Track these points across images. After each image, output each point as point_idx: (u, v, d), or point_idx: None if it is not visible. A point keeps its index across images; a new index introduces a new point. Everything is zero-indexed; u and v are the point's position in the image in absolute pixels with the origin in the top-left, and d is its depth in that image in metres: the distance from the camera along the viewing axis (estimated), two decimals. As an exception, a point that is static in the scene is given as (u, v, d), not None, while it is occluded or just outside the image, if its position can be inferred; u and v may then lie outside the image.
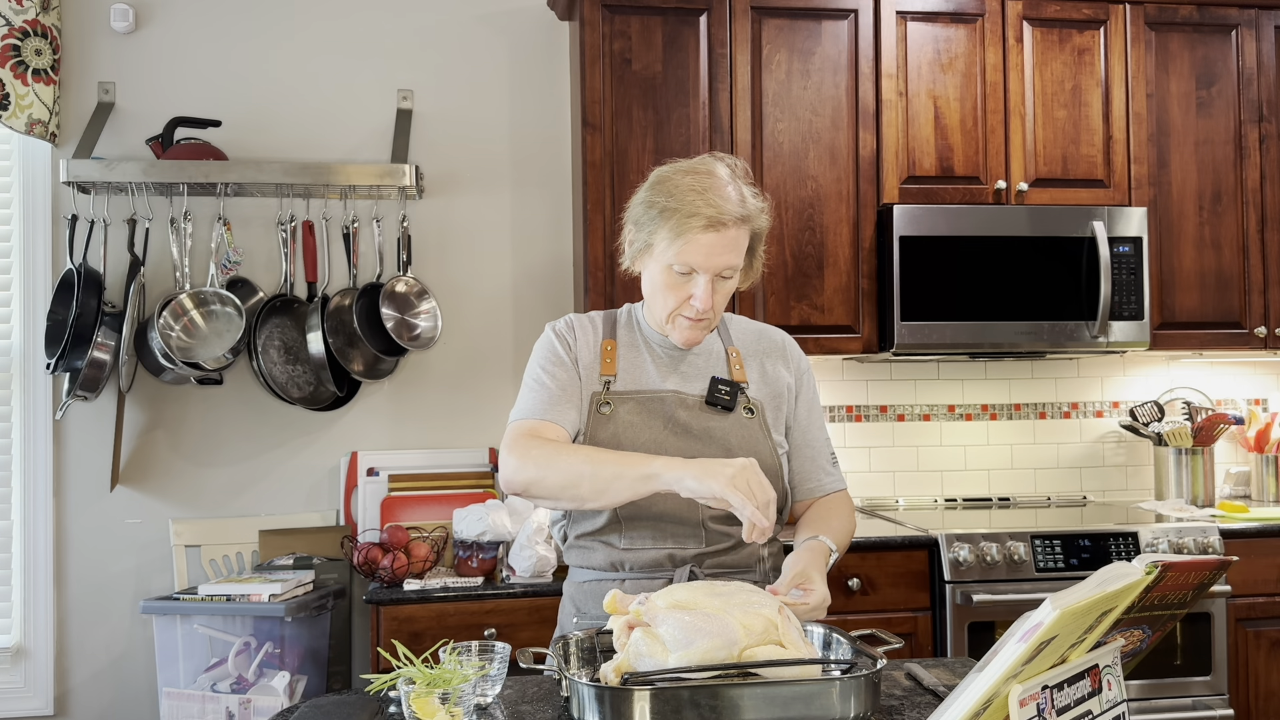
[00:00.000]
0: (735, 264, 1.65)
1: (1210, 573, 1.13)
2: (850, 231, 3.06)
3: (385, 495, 3.06)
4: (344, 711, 1.39)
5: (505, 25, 3.29)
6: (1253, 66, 3.24)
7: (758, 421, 1.72)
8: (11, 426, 3.06)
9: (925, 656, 2.69)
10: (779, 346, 1.84)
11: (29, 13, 2.93)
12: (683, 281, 1.64)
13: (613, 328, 1.79)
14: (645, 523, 1.67)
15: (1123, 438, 3.52)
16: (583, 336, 1.77)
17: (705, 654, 1.26)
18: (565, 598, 1.79)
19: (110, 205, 3.01)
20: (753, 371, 1.78)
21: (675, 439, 1.68)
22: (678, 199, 1.61)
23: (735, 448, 1.68)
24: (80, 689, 3.05)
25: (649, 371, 1.74)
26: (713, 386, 1.71)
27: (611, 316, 1.81)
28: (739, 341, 1.81)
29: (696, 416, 1.70)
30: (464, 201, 3.24)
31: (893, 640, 1.46)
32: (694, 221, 1.59)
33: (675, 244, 1.61)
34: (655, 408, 1.70)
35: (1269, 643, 2.87)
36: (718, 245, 1.61)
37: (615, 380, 1.72)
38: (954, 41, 3.11)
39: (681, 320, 1.68)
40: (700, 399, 1.71)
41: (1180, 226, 3.19)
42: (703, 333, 1.71)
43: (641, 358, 1.75)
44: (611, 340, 1.76)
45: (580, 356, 1.74)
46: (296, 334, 3.06)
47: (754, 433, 1.71)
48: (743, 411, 1.72)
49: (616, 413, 1.69)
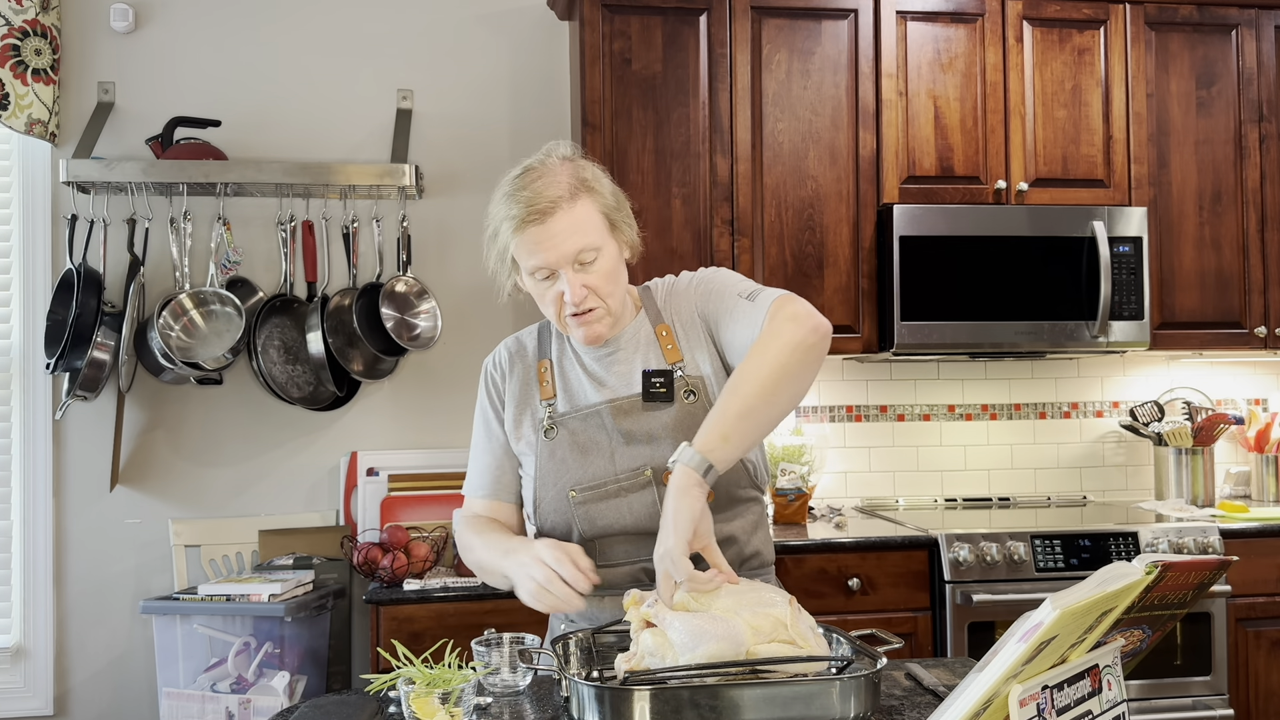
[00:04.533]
0: (589, 243, 1.54)
1: (1210, 573, 1.13)
2: (850, 231, 3.06)
3: (385, 495, 3.06)
4: (344, 711, 1.39)
5: (505, 25, 3.29)
6: (1253, 66, 3.24)
7: (702, 403, 1.60)
8: (11, 426, 3.06)
9: (925, 656, 2.69)
10: (683, 294, 1.68)
11: (29, 13, 2.93)
12: (550, 284, 1.57)
13: (547, 342, 1.72)
14: (614, 538, 1.62)
15: (1123, 438, 3.52)
16: (514, 371, 1.71)
17: (711, 656, 1.26)
18: None
19: (110, 205, 3.01)
20: (683, 339, 1.65)
21: (623, 449, 1.61)
22: (499, 211, 1.57)
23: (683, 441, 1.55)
24: (80, 689, 3.05)
25: (583, 385, 1.66)
26: (645, 381, 1.61)
27: (546, 330, 1.74)
28: (666, 314, 1.68)
29: (638, 420, 1.61)
30: (464, 201, 3.24)
31: (893, 640, 1.46)
32: (521, 218, 1.52)
33: (520, 249, 1.55)
34: (595, 422, 1.63)
35: (1269, 643, 2.87)
36: (553, 234, 1.52)
37: (555, 401, 1.66)
38: (954, 41, 3.11)
39: (572, 321, 1.60)
40: (637, 398, 1.62)
41: (1180, 226, 3.19)
42: (601, 325, 1.61)
43: (575, 371, 1.68)
44: (545, 360, 1.70)
45: (510, 393, 1.70)
46: (296, 334, 3.06)
47: (699, 418, 1.54)
48: (684, 397, 1.61)
49: (560, 437, 1.64)
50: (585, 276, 1.56)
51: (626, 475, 1.60)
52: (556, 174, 1.56)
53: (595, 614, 1.63)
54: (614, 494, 1.61)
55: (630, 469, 1.61)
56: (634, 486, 1.60)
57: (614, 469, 1.61)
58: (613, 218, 1.60)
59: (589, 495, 1.61)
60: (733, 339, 1.60)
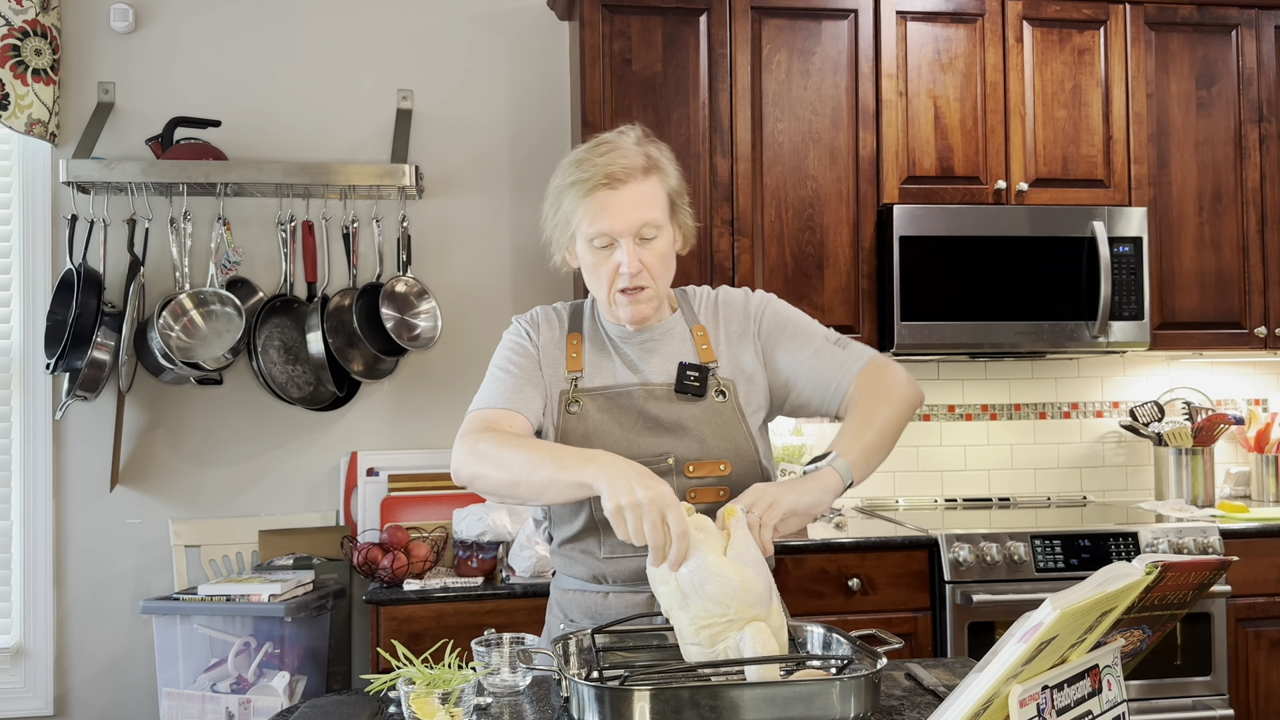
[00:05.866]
0: (652, 219, 1.58)
1: (1210, 573, 1.13)
2: (850, 231, 3.06)
3: (385, 495, 3.06)
4: (344, 711, 1.39)
5: (505, 25, 3.29)
6: (1253, 66, 3.24)
7: (731, 405, 1.65)
8: (11, 426, 3.06)
9: (925, 656, 2.69)
10: (739, 306, 1.74)
11: (29, 13, 2.93)
12: (607, 254, 1.59)
13: (579, 320, 1.73)
14: None
15: (1123, 438, 3.52)
16: (547, 330, 1.72)
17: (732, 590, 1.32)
18: (552, 601, 1.76)
19: (110, 205, 3.01)
20: (720, 346, 1.70)
21: (648, 434, 1.63)
22: (569, 174, 1.59)
23: (709, 437, 1.63)
24: (80, 689, 3.05)
25: (615, 364, 1.68)
26: (680, 373, 1.64)
27: (578, 308, 1.75)
28: (704, 317, 1.73)
29: (666, 408, 1.63)
30: (464, 201, 3.25)
31: (893, 640, 1.45)
32: (594, 183, 1.55)
33: (586, 213, 1.57)
34: (624, 402, 1.64)
35: (1269, 643, 2.87)
36: (620, 202, 1.56)
37: (582, 376, 1.67)
38: (954, 41, 3.11)
39: (620, 297, 1.61)
40: (669, 387, 1.64)
41: (1180, 226, 3.19)
42: (648, 306, 1.63)
43: (606, 350, 1.69)
44: (577, 334, 1.71)
45: (544, 350, 1.69)
46: (296, 334, 3.06)
47: (727, 418, 1.64)
48: (714, 395, 1.65)
49: (585, 411, 1.64)
50: (642, 252, 1.59)
51: (649, 460, 1.59)
52: (630, 149, 1.60)
53: (600, 611, 1.64)
54: None
55: (653, 454, 1.61)
56: (654, 472, 1.60)
57: (635, 452, 1.59)
58: (676, 202, 1.64)
59: None
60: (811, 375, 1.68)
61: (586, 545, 1.65)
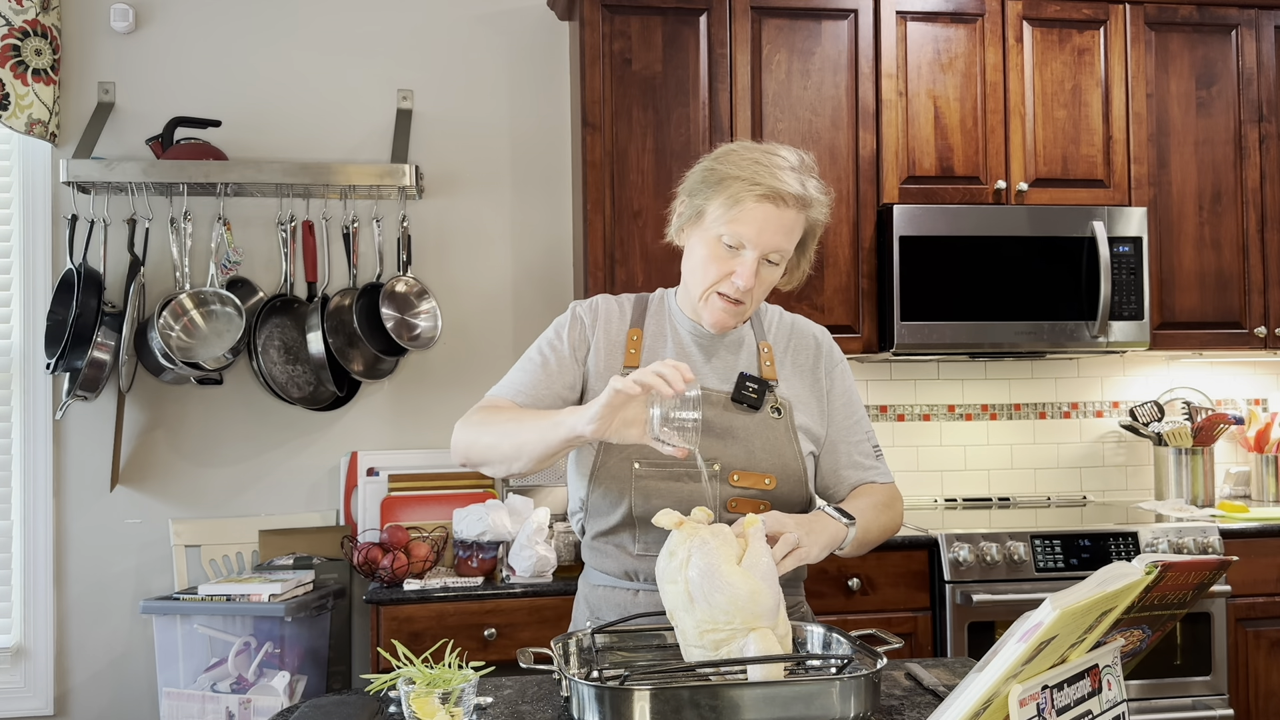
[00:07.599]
0: (784, 248, 1.60)
1: (1210, 573, 1.13)
2: (850, 231, 3.06)
3: (385, 495, 3.06)
4: (344, 711, 1.39)
5: (505, 25, 3.29)
6: (1253, 66, 3.24)
7: (784, 423, 1.66)
8: (11, 426, 3.06)
9: (925, 656, 2.69)
10: (813, 344, 1.77)
11: (29, 13, 2.93)
12: (729, 256, 1.59)
13: (642, 315, 1.74)
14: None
15: (1123, 438, 3.52)
16: (605, 321, 1.71)
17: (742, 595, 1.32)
18: (580, 597, 1.75)
19: (110, 205, 3.01)
20: (784, 369, 1.72)
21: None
22: (739, 168, 1.58)
23: (758, 449, 1.64)
24: (80, 689, 3.05)
25: None
26: (740, 383, 1.65)
27: (642, 302, 1.76)
28: (773, 336, 1.75)
29: (720, 414, 1.63)
30: (464, 201, 3.25)
31: (893, 640, 1.46)
32: (753, 190, 1.55)
33: (730, 212, 1.57)
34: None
35: (1269, 643, 2.87)
36: (772, 221, 1.56)
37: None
38: (954, 41, 3.11)
39: (716, 299, 1.62)
40: (726, 395, 1.65)
41: (1180, 226, 3.19)
42: (735, 319, 1.65)
43: (667, 349, 1.69)
44: (638, 329, 1.71)
45: (598, 340, 1.69)
46: (296, 334, 3.06)
47: (779, 434, 1.65)
48: (770, 411, 1.66)
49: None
50: (760, 271, 1.60)
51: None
52: (799, 177, 1.60)
53: (629, 609, 1.63)
54: (677, 476, 1.61)
55: (702, 458, 1.60)
56: (699, 476, 1.61)
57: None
58: (806, 241, 1.66)
59: (653, 471, 1.62)
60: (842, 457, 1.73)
61: (621, 540, 1.65)
